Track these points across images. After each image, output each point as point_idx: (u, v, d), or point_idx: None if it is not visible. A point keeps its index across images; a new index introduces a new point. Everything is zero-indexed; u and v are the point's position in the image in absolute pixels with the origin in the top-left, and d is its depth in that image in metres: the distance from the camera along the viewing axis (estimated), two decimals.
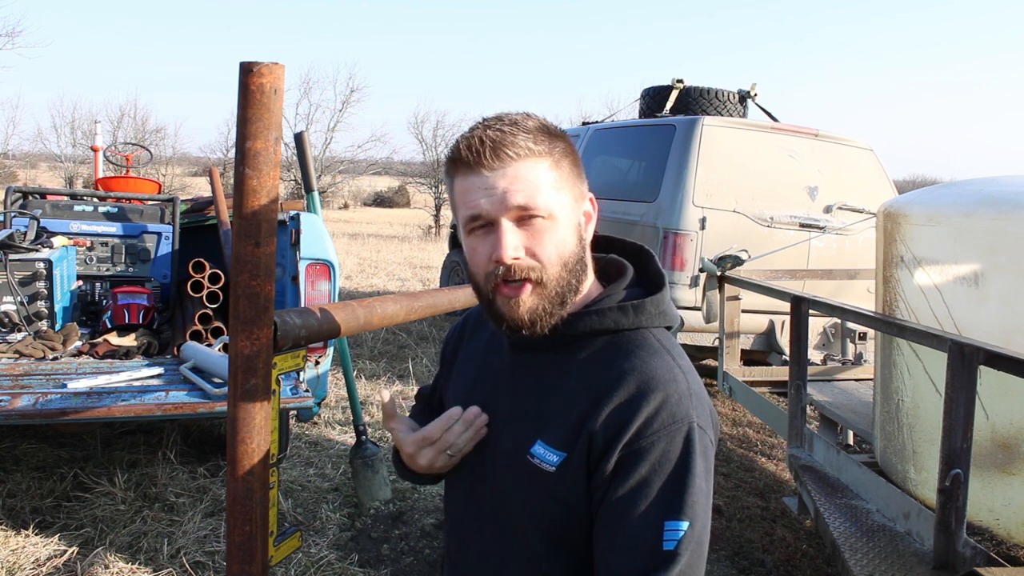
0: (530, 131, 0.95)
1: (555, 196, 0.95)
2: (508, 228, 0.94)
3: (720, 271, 3.61)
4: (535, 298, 0.96)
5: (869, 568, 2.04)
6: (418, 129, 27.52)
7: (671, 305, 1.05)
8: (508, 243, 0.93)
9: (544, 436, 0.98)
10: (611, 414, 0.93)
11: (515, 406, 1.04)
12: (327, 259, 3.31)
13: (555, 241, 0.96)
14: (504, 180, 0.93)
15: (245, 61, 1.09)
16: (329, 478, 3.60)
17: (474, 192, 0.95)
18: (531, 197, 0.94)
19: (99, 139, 7.17)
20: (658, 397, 0.93)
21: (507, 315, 0.97)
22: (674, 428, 0.92)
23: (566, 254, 0.97)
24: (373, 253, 14.21)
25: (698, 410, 0.95)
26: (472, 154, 0.94)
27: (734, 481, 3.98)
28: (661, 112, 5.81)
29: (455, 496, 1.14)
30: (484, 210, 0.94)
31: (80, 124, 26.11)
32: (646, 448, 0.91)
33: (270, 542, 1.25)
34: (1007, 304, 2.13)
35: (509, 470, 1.01)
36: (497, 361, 1.09)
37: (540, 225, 0.95)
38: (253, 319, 1.14)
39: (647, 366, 0.95)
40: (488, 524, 1.05)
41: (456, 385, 1.17)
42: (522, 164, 0.94)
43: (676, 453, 0.91)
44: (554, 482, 0.96)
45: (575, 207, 0.99)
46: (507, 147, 0.93)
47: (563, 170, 0.97)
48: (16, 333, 3.11)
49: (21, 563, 2.65)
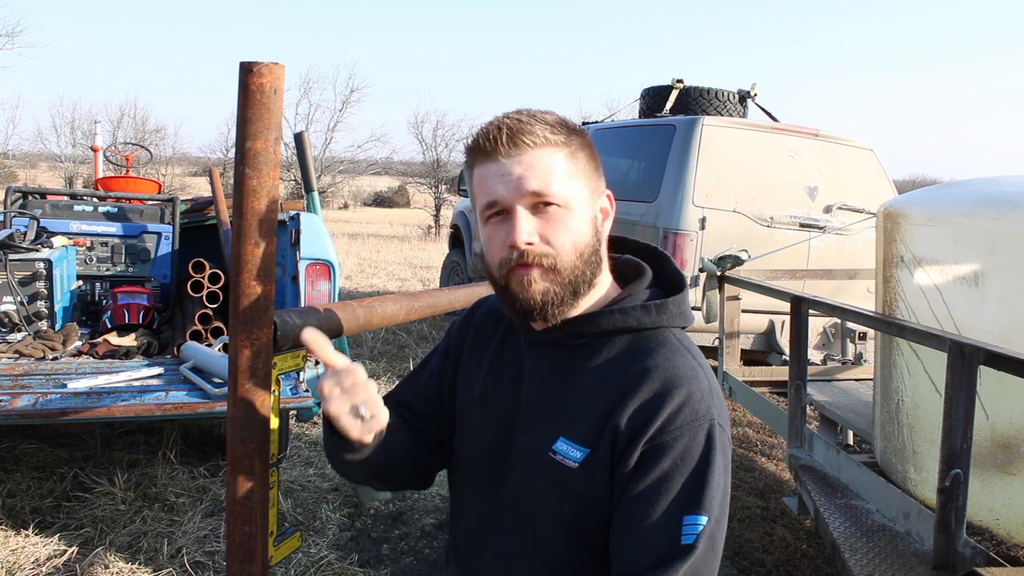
0: (548, 123, 0.97)
1: (571, 185, 0.97)
2: (523, 214, 0.96)
3: (720, 271, 3.61)
4: (547, 282, 0.97)
5: (869, 568, 2.04)
6: (418, 129, 27.52)
7: (689, 305, 1.06)
8: (522, 228, 0.95)
9: (567, 433, 0.98)
10: (636, 410, 0.94)
11: (535, 403, 1.04)
12: (327, 259, 3.31)
13: (570, 229, 0.97)
14: (520, 167, 0.95)
15: (245, 61, 1.09)
16: (329, 478, 3.60)
17: (491, 179, 0.97)
18: (546, 184, 0.95)
19: (99, 139, 7.17)
20: (681, 394, 0.94)
21: (519, 295, 0.97)
22: (696, 424, 0.93)
23: (581, 243, 0.98)
24: (373, 253, 14.21)
25: (718, 408, 0.96)
26: (490, 142, 0.96)
27: (734, 481, 3.98)
28: (661, 112, 5.81)
29: (467, 493, 1.13)
30: (500, 196, 0.96)
31: (80, 124, 26.14)
32: (668, 443, 0.92)
33: (270, 542, 1.24)
34: (1007, 304, 2.13)
35: (529, 467, 1.01)
36: (514, 358, 1.09)
37: (555, 213, 0.96)
38: (253, 319, 1.14)
39: (670, 364, 0.97)
40: (504, 522, 1.05)
41: (468, 380, 1.16)
42: (538, 152, 0.96)
43: (698, 449, 0.93)
44: (577, 478, 0.97)
45: (591, 200, 1.00)
46: (524, 135, 0.95)
47: (579, 162, 0.99)
48: (16, 333, 3.11)
49: (21, 563, 2.65)
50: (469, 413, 1.13)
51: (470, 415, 1.13)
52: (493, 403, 1.09)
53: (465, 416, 1.14)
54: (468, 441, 1.13)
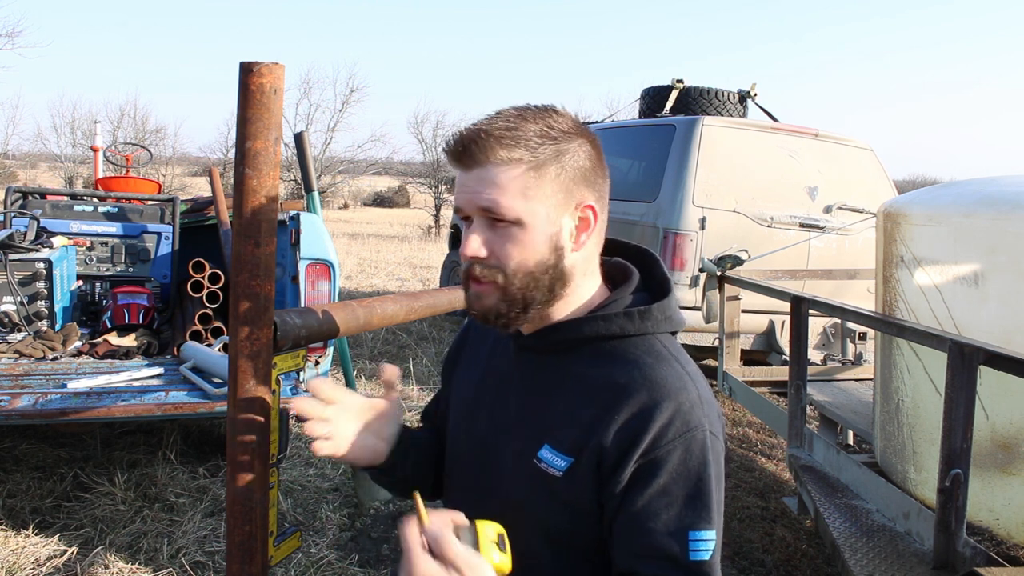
0: (517, 135, 0.93)
1: (522, 204, 0.94)
2: (475, 226, 0.97)
3: (720, 271, 3.61)
4: (493, 299, 0.97)
5: (869, 568, 2.04)
6: (418, 129, 27.52)
7: (677, 310, 1.05)
8: (471, 242, 0.96)
9: (551, 441, 0.98)
10: (623, 425, 0.93)
11: (521, 409, 1.03)
12: (327, 259, 3.31)
13: (519, 247, 0.95)
14: (474, 181, 0.95)
15: (245, 61, 1.09)
16: (329, 478, 3.60)
17: (457, 186, 0.99)
18: (494, 201, 0.94)
19: (99, 139, 7.18)
20: (671, 407, 0.93)
21: (472, 305, 1.00)
22: (689, 436, 0.92)
23: (531, 262, 0.96)
24: (373, 253, 14.21)
25: (710, 417, 0.95)
26: (452, 152, 0.96)
27: (734, 481, 3.98)
28: (661, 112, 5.81)
29: (455, 499, 1.14)
30: (460, 204, 0.98)
31: (80, 124, 26.12)
32: (663, 457, 0.92)
33: (270, 542, 1.24)
34: (1007, 304, 2.13)
35: (515, 474, 1.01)
36: (503, 364, 1.09)
37: (506, 230, 0.95)
38: (253, 319, 1.14)
39: (656, 374, 0.95)
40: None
41: (460, 390, 1.17)
42: (492, 169, 0.94)
43: (694, 462, 0.92)
44: (561, 487, 0.96)
45: (553, 215, 0.96)
46: (479, 151, 0.94)
47: (543, 177, 0.94)
48: (16, 333, 3.11)
49: (21, 563, 2.65)
50: (460, 417, 1.14)
51: (460, 419, 1.13)
52: (482, 408, 1.09)
53: (456, 420, 1.15)
54: (458, 444, 1.13)
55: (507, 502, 1.02)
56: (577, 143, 0.97)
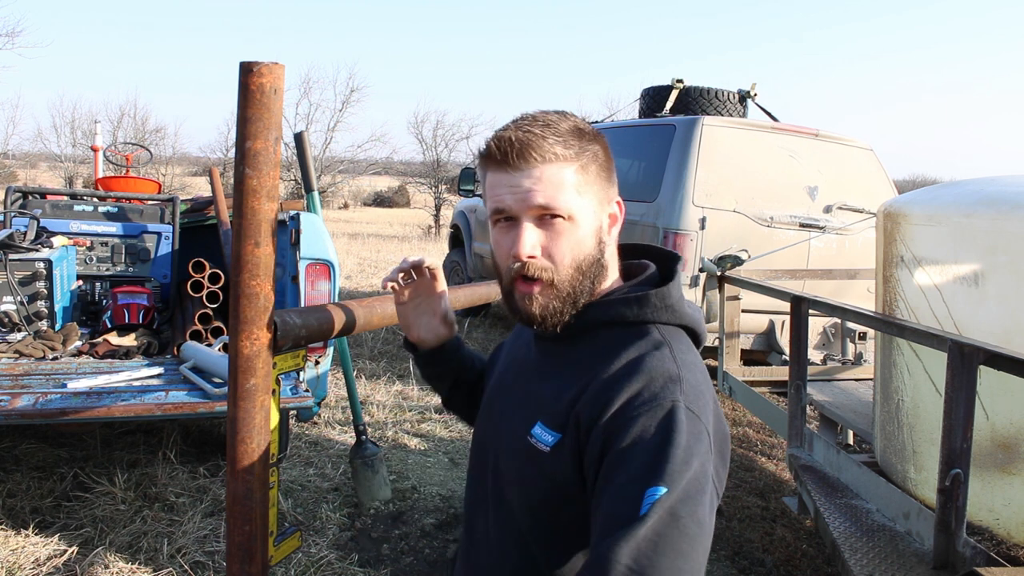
0: (561, 134, 0.99)
1: (577, 199, 0.99)
2: (528, 227, 0.99)
3: (720, 271, 3.61)
4: (546, 297, 1.00)
5: (869, 568, 2.04)
6: (418, 129, 27.56)
7: (683, 304, 1.04)
8: (526, 241, 0.98)
9: (543, 418, 1.01)
10: (595, 394, 0.95)
11: (525, 392, 1.07)
12: (327, 259, 3.31)
13: (572, 243, 0.99)
14: (528, 180, 0.97)
15: (245, 61, 1.09)
16: (329, 478, 3.60)
17: (501, 188, 0.99)
18: (552, 198, 0.97)
19: (99, 139, 7.18)
20: (642, 379, 0.93)
21: (522, 310, 1.02)
22: (655, 404, 0.90)
23: (581, 257, 1.00)
24: (373, 253, 14.21)
25: (689, 396, 0.92)
26: (501, 153, 0.98)
27: (734, 481, 3.98)
28: (661, 112, 5.81)
29: (469, 477, 1.19)
30: (508, 206, 0.99)
31: (80, 124, 26.17)
32: (625, 424, 0.90)
33: (270, 542, 1.25)
34: (1007, 304, 2.13)
35: (512, 450, 1.04)
36: (524, 352, 1.14)
37: (559, 225, 0.99)
38: (253, 319, 1.14)
39: (639, 351, 0.97)
40: (491, 504, 1.09)
41: (489, 377, 1.23)
42: (547, 167, 0.97)
43: (655, 426, 0.89)
44: (548, 462, 0.98)
45: (598, 210, 1.02)
46: (534, 150, 0.97)
47: (589, 174, 1.01)
48: (16, 333, 3.11)
49: (21, 563, 2.65)
50: (484, 403, 1.19)
51: (484, 405, 1.19)
52: (500, 392, 1.15)
53: (481, 407, 1.20)
54: (478, 427, 1.19)
55: (503, 477, 1.06)
56: (601, 142, 1.04)
